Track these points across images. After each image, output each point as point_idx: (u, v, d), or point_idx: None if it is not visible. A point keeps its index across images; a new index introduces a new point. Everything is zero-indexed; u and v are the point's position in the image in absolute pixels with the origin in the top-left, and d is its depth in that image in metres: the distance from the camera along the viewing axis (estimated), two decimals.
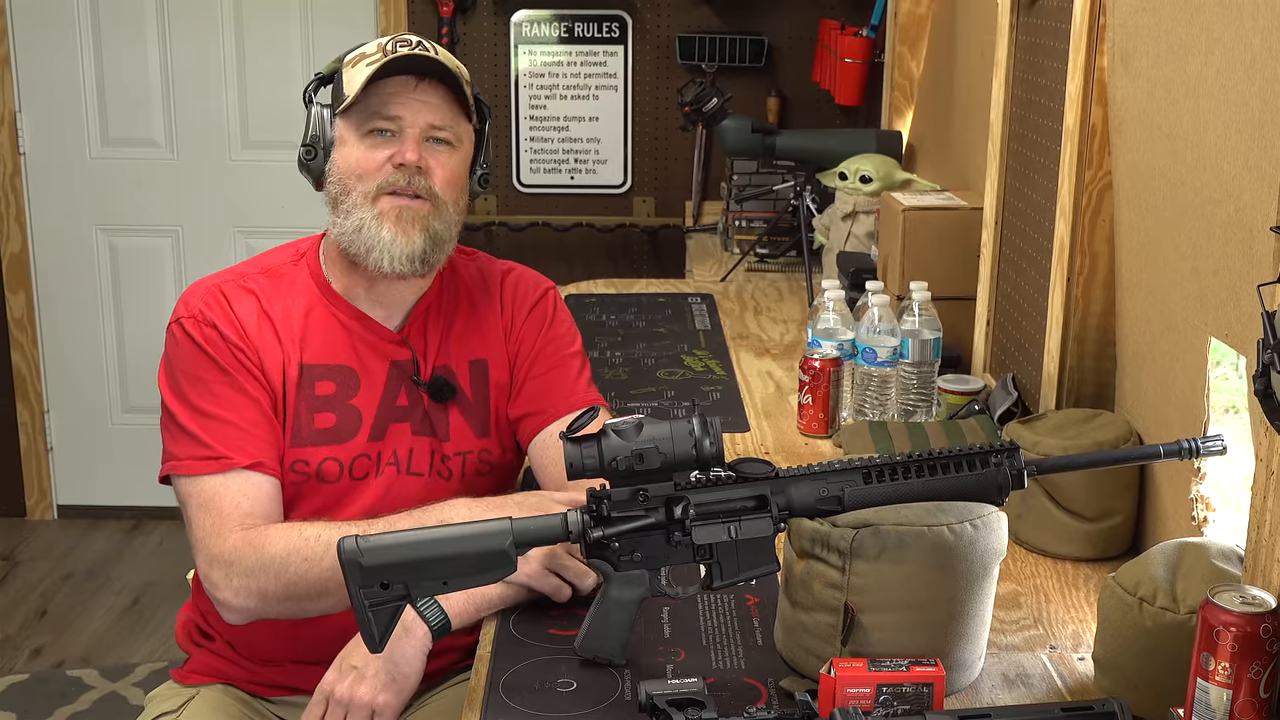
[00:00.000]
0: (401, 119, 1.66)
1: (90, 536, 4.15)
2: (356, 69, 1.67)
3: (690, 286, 3.22)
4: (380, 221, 1.66)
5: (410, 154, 1.66)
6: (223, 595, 1.60)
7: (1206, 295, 1.49)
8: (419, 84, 1.67)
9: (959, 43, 2.87)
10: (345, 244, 1.69)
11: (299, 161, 1.72)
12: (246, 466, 1.64)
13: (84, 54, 3.99)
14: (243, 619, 1.63)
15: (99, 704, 3.16)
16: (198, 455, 1.64)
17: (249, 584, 1.59)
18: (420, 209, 1.67)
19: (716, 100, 3.17)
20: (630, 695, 1.37)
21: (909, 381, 2.13)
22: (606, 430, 1.34)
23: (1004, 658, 1.47)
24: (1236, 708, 1.15)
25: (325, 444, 1.71)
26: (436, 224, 1.68)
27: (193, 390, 1.66)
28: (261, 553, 1.58)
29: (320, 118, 1.71)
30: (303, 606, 1.60)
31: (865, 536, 1.35)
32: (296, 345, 1.71)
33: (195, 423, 1.65)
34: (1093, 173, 1.84)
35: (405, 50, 1.65)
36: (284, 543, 1.58)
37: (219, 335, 1.67)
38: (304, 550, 1.57)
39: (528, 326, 1.81)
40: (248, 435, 1.66)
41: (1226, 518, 1.53)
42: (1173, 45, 1.59)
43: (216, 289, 1.71)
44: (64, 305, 4.15)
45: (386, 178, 1.66)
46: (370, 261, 1.68)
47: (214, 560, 1.60)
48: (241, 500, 1.63)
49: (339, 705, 1.54)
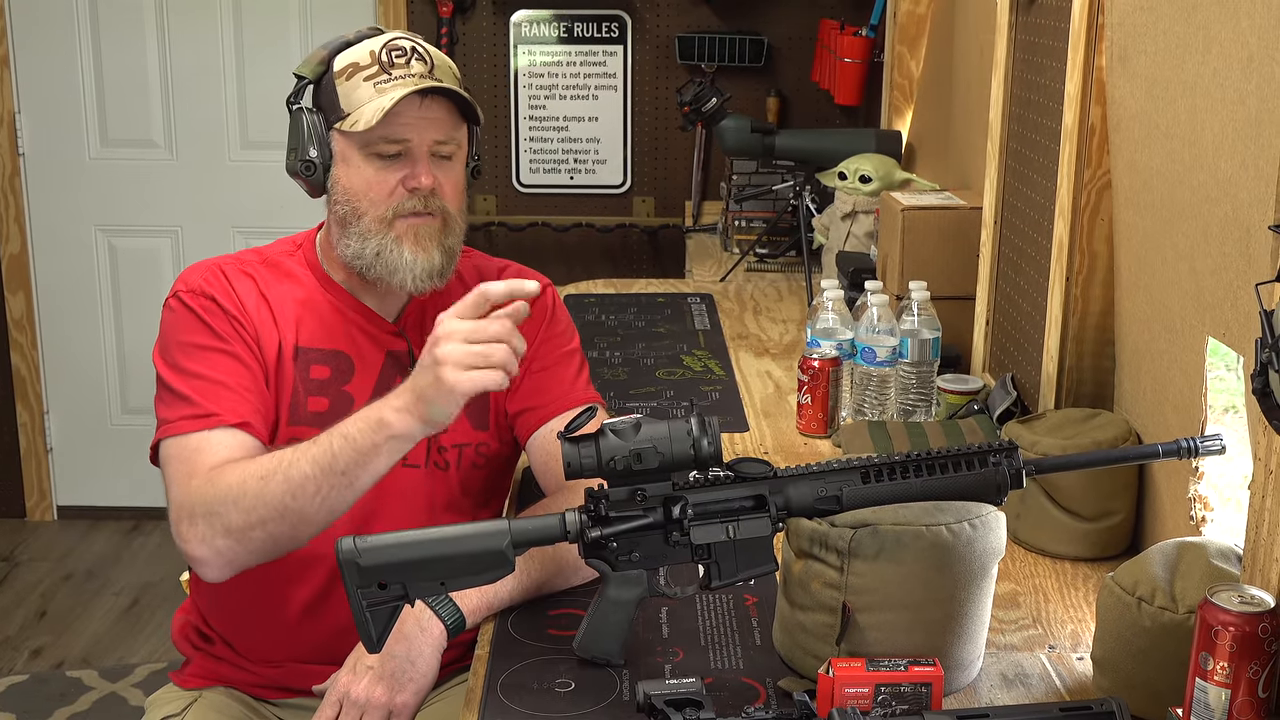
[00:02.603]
0: (409, 140, 1.65)
1: (90, 537, 4.15)
2: (354, 84, 1.63)
3: (690, 286, 3.22)
4: (400, 244, 1.65)
5: (425, 179, 1.64)
6: (191, 547, 1.53)
7: (1204, 294, 1.49)
8: (424, 101, 1.65)
9: (958, 42, 2.87)
10: (363, 268, 1.68)
11: (289, 169, 1.68)
12: (234, 424, 1.59)
13: (83, 54, 3.99)
14: (219, 571, 1.55)
15: (98, 705, 3.15)
16: (186, 414, 1.60)
17: (212, 524, 1.51)
18: (434, 225, 1.67)
19: (716, 100, 3.17)
20: (628, 695, 1.37)
21: (908, 381, 2.13)
22: (604, 430, 1.34)
23: (1003, 657, 1.47)
24: (1235, 707, 1.15)
25: (317, 427, 1.70)
26: (449, 239, 1.69)
27: (185, 357, 1.64)
28: (217, 486, 1.52)
29: (314, 128, 1.66)
30: (270, 534, 1.51)
31: (864, 536, 1.34)
32: (293, 328, 1.71)
33: (186, 385, 1.61)
34: (1091, 172, 1.84)
35: (401, 63, 1.63)
36: (238, 471, 1.52)
37: (216, 306, 1.66)
38: (258, 470, 1.51)
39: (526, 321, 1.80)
40: (238, 397, 1.62)
41: (1225, 517, 1.53)
42: (1170, 44, 1.59)
43: (216, 267, 1.71)
44: (63, 306, 4.15)
45: (403, 203, 1.65)
46: (394, 283, 1.67)
47: (179, 512, 1.54)
48: (220, 450, 1.57)
49: (354, 706, 1.52)
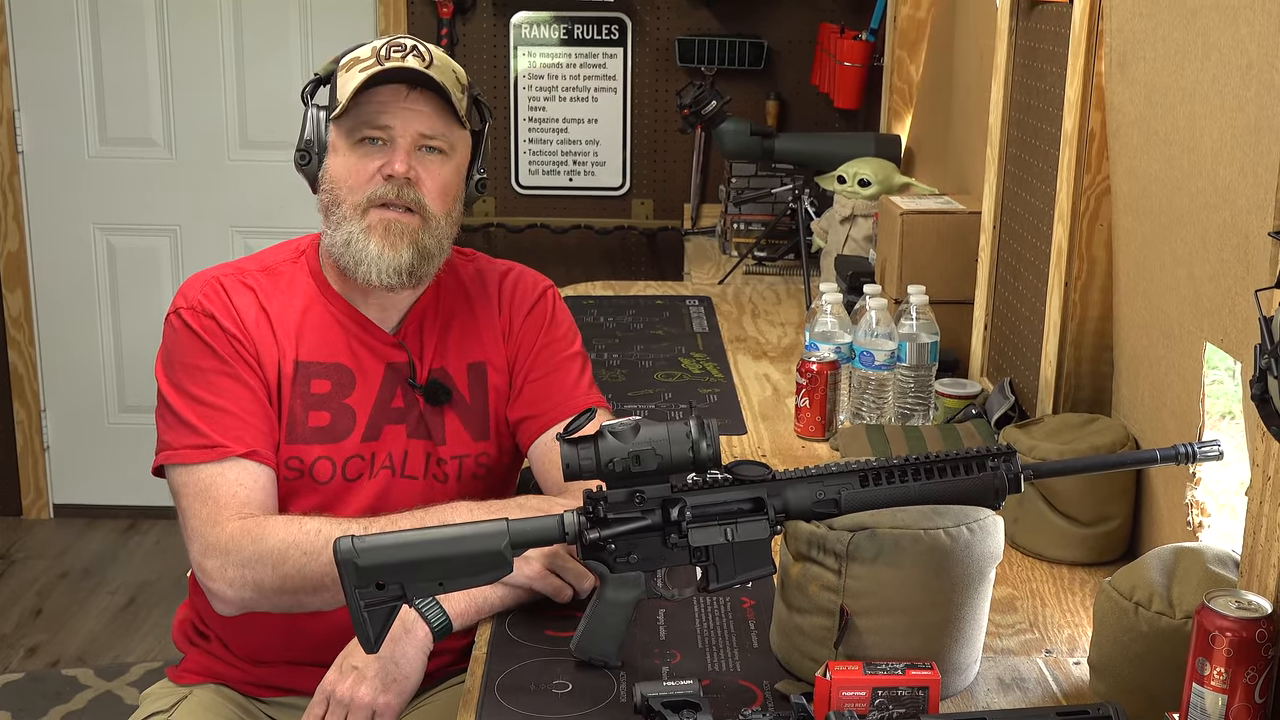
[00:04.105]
0: (392, 128, 1.65)
1: (86, 536, 4.14)
2: (350, 74, 1.66)
3: (688, 289, 3.22)
4: (368, 235, 1.65)
5: (399, 165, 1.64)
6: (217, 586, 1.59)
7: (1202, 300, 1.50)
8: (410, 92, 1.65)
9: (958, 47, 2.87)
10: (335, 255, 1.69)
11: (295, 163, 1.71)
12: (242, 455, 1.63)
13: (83, 52, 3.99)
14: (235, 610, 1.62)
15: (94, 703, 3.15)
16: (193, 444, 1.63)
17: (245, 574, 1.57)
18: (409, 223, 1.66)
19: (715, 103, 3.17)
20: (625, 697, 1.36)
21: (906, 385, 2.13)
22: (603, 432, 1.34)
23: (1000, 662, 1.47)
24: (1231, 713, 1.15)
25: (319, 442, 1.70)
26: (425, 239, 1.67)
27: (189, 379, 1.66)
28: (259, 543, 1.57)
29: (316, 121, 1.69)
30: (298, 600, 1.59)
31: (861, 539, 1.35)
32: (293, 342, 1.71)
33: (191, 411, 1.64)
34: (1091, 177, 1.84)
35: (398, 57, 1.64)
36: (283, 534, 1.57)
37: (217, 325, 1.67)
38: (303, 543, 1.56)
39: (527, 327, 1.80)
40: (244, 424, 1.65)
41: (1222, 523, 1.53)
42: (1170, 51, 1.59)
43: (215, 281, 1.71)
44: (61, 304, 4.14)
45: (376, 190, 1.65)
46: (359, 275, 1.67)
47: (209, 549, 1.59)
48: (238, 489, 1.62)
49: (340, 705, 1.53)
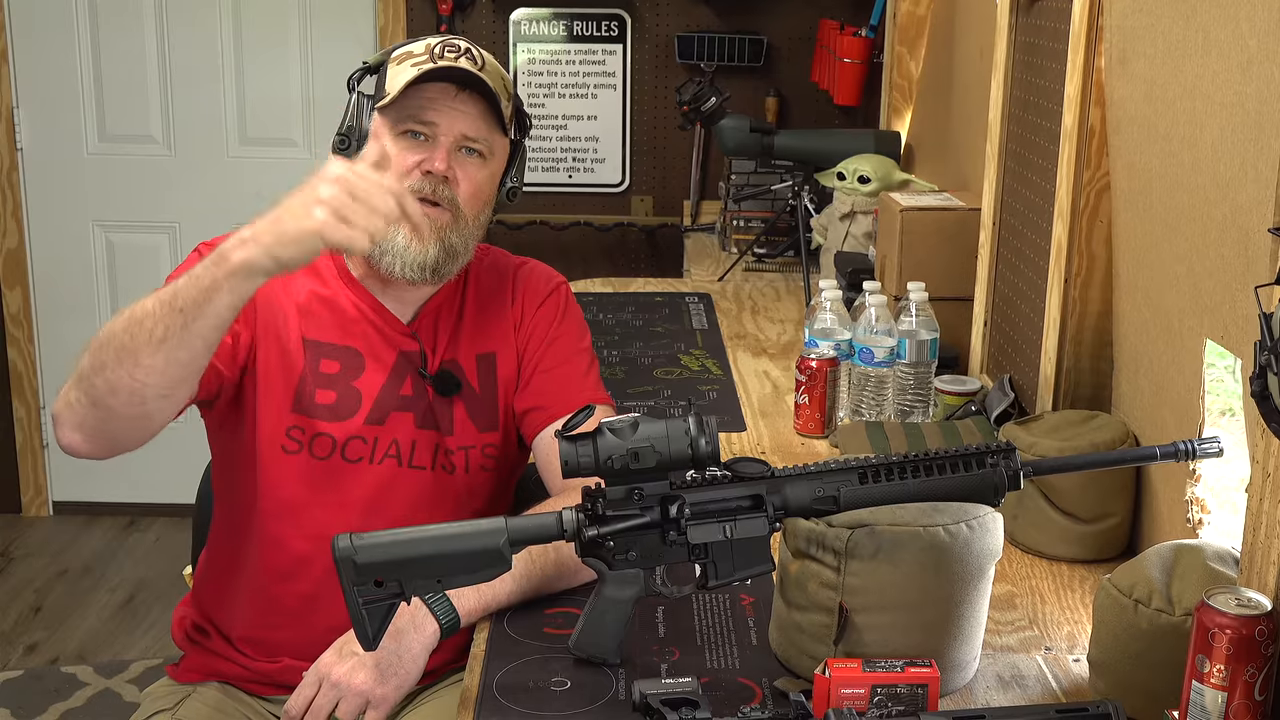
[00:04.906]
0: (436, 125, 1.66)
1: (86, 533, 4.14)
2: (401, 67, 1.67)
3: (688, 286, 3.22)
4: (398, 226, 1.64)
5: (439, 163, 1.65)
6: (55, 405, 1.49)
7: (1202, 296, 1.49)
8: (459, 93, 1.66)
9: (958, 43, 2.86)
10: None
11: (333, 148, 1.70)
12: None
13: (82, 49, 3.98)
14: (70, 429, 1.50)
15: (93, 701, 3.15)
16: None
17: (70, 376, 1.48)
18: (440, 219, 1.67)
19: (715, 99, 3.16)
20: (624, 695, 1.36)
21: (906, 382, 2.13)
22: (602, 428, 1.33)
23: (999, 659, 1.47)
24: (1231, 710, 1.15)
25: (322, 418, 1.71)
26: (453, 236, 1.68)
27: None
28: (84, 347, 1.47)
29: (359, 107, 1.69)
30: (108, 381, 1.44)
31: (861, 537, 1.34)
32: (308, 319, 1.72)
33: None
34: (1091, 174, 1.84)
35: (451, 56, 1.65)
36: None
37: None
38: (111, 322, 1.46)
39: (537, 320, 1.81)
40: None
41: (1222, 520, 1.53)
42: (1169, 46, 1.58)
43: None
44: (61, 301, 4.14)
45: (413, 184, 1.65)
46: (383, 265, 1.68)
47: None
48: None
49: (332, 688, 1.50)
